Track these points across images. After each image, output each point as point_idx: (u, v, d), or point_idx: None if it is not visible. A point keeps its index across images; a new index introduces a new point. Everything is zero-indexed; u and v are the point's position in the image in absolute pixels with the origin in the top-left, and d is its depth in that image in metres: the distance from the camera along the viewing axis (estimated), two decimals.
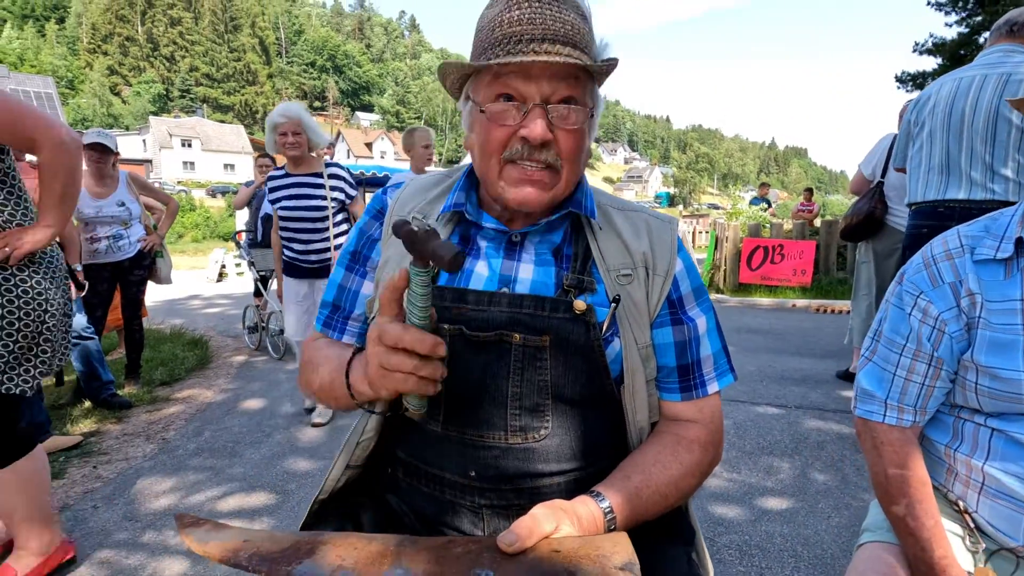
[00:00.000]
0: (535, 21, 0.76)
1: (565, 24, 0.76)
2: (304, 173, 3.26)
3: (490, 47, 0.77)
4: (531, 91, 0.77)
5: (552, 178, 0.81)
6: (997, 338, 0.88)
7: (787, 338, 5.51)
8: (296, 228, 3.28)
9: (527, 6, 0.76)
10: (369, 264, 0.96)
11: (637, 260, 0.87)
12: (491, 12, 0.80)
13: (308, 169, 3.27)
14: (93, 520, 2.31)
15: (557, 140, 0.79)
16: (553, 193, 0.82)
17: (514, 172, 0.80)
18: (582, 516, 0.74)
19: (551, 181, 0.81)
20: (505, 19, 0.77)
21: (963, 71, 2.54)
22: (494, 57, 0.76)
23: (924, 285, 0.96)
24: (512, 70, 0.77)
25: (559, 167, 0.81)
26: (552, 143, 0.79)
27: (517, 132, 0.78)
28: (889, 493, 0.96)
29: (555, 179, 0.81)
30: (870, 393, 1.01)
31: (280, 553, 0.70)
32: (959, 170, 2.44)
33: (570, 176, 0.83)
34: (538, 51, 0.74)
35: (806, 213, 11.38)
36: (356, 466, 0.96)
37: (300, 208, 3.22)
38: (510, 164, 0.80)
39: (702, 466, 0.86)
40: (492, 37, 0.77)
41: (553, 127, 0.78)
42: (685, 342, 0.89)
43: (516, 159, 0.79)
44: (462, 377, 0.83)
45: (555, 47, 0.75)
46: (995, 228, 0.93)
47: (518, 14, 0.76)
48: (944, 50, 14.98)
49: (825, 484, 2.53)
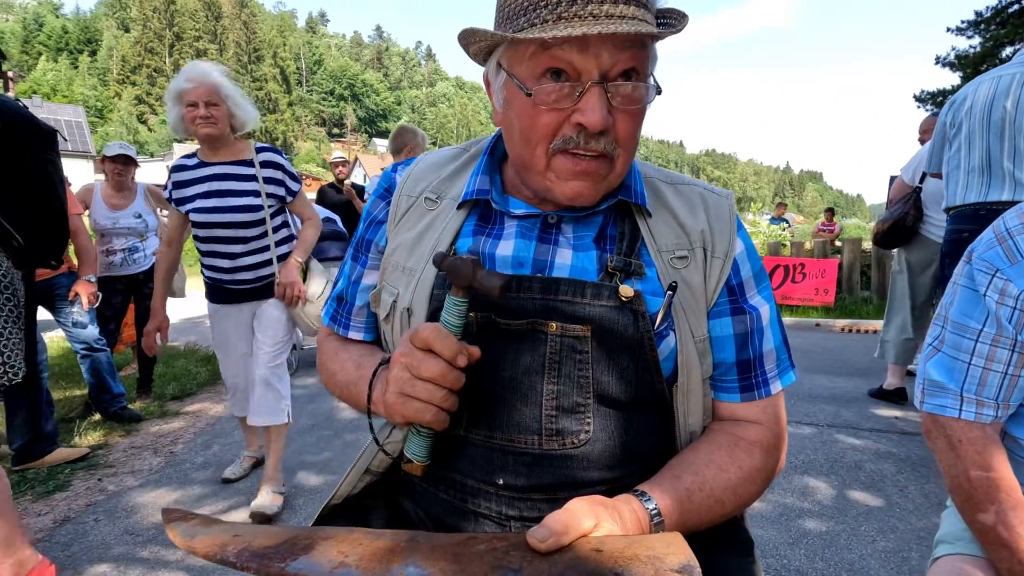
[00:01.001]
0: None
1: None
2: (226, 161, 2.29)
3: (532, 7, 0.63)
4: (588, 64, 0.64)
5: (606, 167, 0.69)
6: None
7: (813, 357, 5.31)
8: (219, 238, 2.29)
9: None
10: (373, 250, 0.86)
11: (695, 240, 0.76)
12: None
13: (231, 156, 2.30)
14: (94, 533, 2.22)
15: (615, 123, 0.67)
16: (607, 184, 0.71)
17: (566, 163, 0.68)
18: (625, 516, 0.62)
19: (605, 171, 0.70)
20: None
21: (1001, 70, 2.43)
22: (539, 21, 0.62)
23: (1000, 262, 0.85)
24: (565, 39, 0.62)
25: (615, 155, 0.69)
26: (609, 128, 0.66)
27: (570, 117, 0.66)
28: (974, 499, 0.84)
29: (609, 168, 0.70)
30: (941, 385, 0.89)
31: (273, 548, 0.60)
32: (1002, 171, 2.32)
33: (624, 164, 0.71)
34: (598, 14, 0.61)
35: (827, 233, 11.19)
36: (377, 472, 0.85)
37: (222, 210, 2.24)
38: (561, 154, 0.68)
39: (764, 472, 0.74)
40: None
41: (611, 108, 0.66)
42: (747, 334, 0.76)
43: (570, 149, 0.67)
44: (490, 373, 0.71)
45: (617, 7, 0.61)
46: None
47: None
48: (967, 63, 14.86)
49: (866, 506, 2.35)
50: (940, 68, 15.34)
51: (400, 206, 0.83)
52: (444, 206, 0.80)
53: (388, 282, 0.81)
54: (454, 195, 0.81)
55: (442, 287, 0.75)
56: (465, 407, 0.72)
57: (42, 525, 2.29)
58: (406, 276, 0.78)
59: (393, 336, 0.80)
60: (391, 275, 0.80)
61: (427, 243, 0.78)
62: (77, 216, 3.30)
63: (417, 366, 0.63)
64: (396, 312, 0.78)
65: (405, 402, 0.64)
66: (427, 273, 0.76)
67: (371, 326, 0.88)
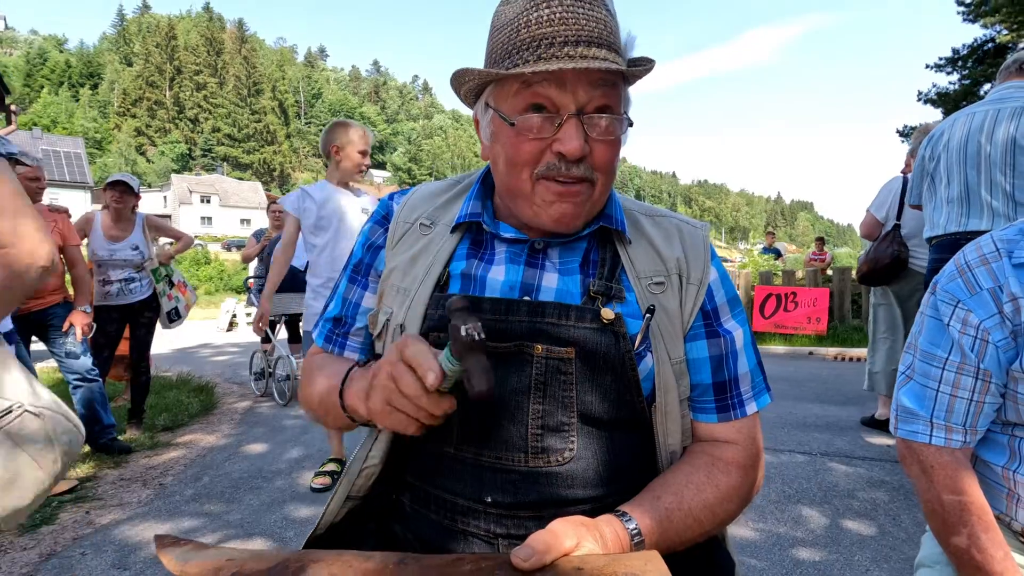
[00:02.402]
0: (567, 21, 0.69)
1: (599, 23, 0.70)
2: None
3: (516, 50, 0.71)
4: (566, 100, 0.71)
5: (587, 191, 0.76)
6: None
7: (806, 385, 5.33)
8: None
9: (557, 4, 0.69)
10: (372, 274, 0.90)
11: (671, 267, 0.81)
12: (511, 10, 0.73)
13: None
14: (79, 567, 2.18)
15: (592, 152, 0.73)
16: (589, 207, 0.78)
17: (550, 187, 0.74)
18: (606, 535, 0.65)
19: (587, 195, 0.76)
20: (532, 19, 0.70)
21: (975, 107, 2.54)
22: (522, 63, 0.70)
23: (960, 293, 0.90)
24: (544, 77, 0.70)
25: (594, 180, 0.75)
26: (587, 156, 0.73)
27: (551, 146, 0.73)
28: (948, 523, 0.86)
29: (590, 192, 0.76)
30: (912, 412, 0.93)
31: (265, 572, 0.61)
32: (980, 200, 2.40)
33: (604, 189, 0.77)
34: (573, 55, 0.68)
35: (818, 262, 11.32)
36: (358, 496, 0.87)
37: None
38: (544, 180, 0.74)
39: (741, 491, 0.77)
40: (518, 39, 0.71)
41: (589, 138, 0.72)
42: (722, 356, 0.81)
43: (552, 175, 0.74)
44: None
45: (591, 50, 0.69)
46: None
47: (547, 13, 0.69)
48: (948, 99, 15.33)
49: (860, 535, 2.35)
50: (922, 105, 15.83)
51: (397, 232, 0.88)
52: (438, 231, 0.86)
53: (385, 303, 0.85)
54: (448, 220, 0.86)
55: (436, 307, 0.79)
56: (455, 426, 0.75)
57: (27, 560, 2.25)
58: (400, 296, 0.83)
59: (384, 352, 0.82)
60: (388, 296, 0.85)
61: (421, 265, 0.83)
62: (75, 247, 3.33)
63: (400, 380, 0.64)
64: (388, 329, 0.82)
65: (391, 412, 0.66)
66: (421, 293, 0.81)
67: (367, 347, 0.91)
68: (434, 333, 0.78)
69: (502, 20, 0.74)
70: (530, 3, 0.70)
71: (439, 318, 0.78)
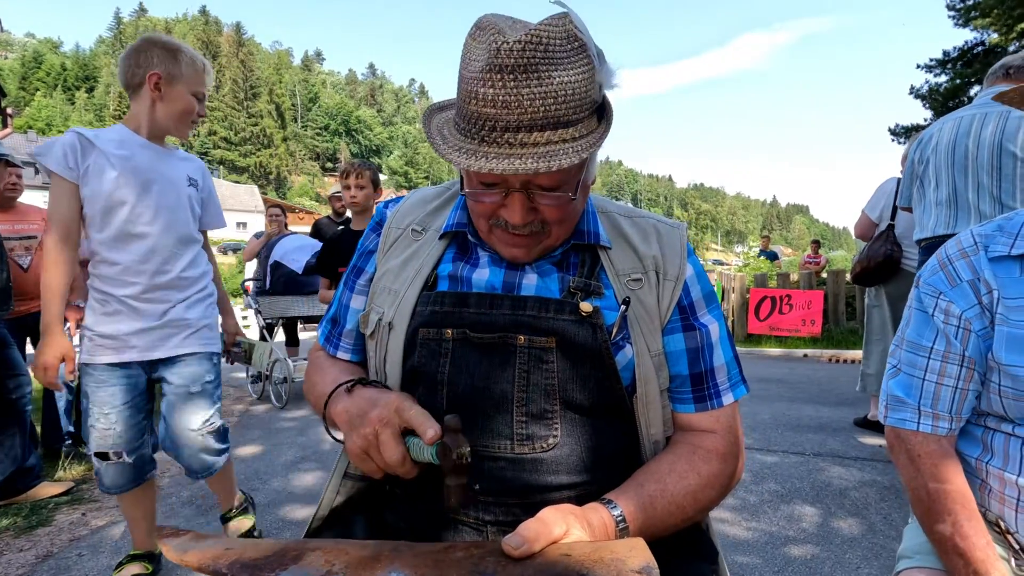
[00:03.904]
0: (510, 105, 0.66)
1: (546, 99, 0.67)
2: None
3: (465, 119, 0.71)
4: (511, 180, 0.74)
5: (538, 240, 0.81)
6: (1015, 334, 0.85)
7: (800, 387, 5.36)
8: None
9: (501, 85, 0.66)
10: (363, 277, 0.96)
11: (648, 264, 0.85)
12: (471, 65, 0.69)
13: None
14: (76, 569, 2.19)
15: (542, 211, 0.78)
16: (544, 247, 0.83)
17: (503, 237, 0.81)
18: (593, 522, 0.68)
19: (537, 241, 0.81)
20: (479, 93, 0.68)
21: (963, 111, 2.58)
22: (469, 139, 0.71)
23: (942, 286, 0.93)
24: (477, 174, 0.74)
25: (547, 231, 0.80)
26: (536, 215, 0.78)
27: (499, 210, 0.78)
28: (932, 510, 0.89)
29: (544, 237, 0.81)
30: (900, 399, 0.96)
31: (263, 560, 0.63)
32: (967, 204, 2.44)
33: (560, 233, 0.82)
34: (513, 142, 0.68)
35: (813, 265, 11.38)
36: (356, 474, 0.92)
37: None
38: (499, 229, 0.81)
39: (722, 478, 0.81)
40: (468, 109, 0.70)
41: (537, 204, 0.77)
42: (698, 349, 0.85)
43: (503, 227, 0.79)
44: (465, 382, 0.79)
45: (531, 135, 0.68)
46: (1009, 226, 0.91)
47: (491, 93, 0.67)
48: (938, 96, 15.54)
49: (851, 534, 2.38)
50: (913, 99, 16.04)
51: (389, 237, 0.93)
52: (428, 237, 0.91)
53: (376, 304, 0.89)
54: (437, 227, 0.91)
55: (424, 304, 0.84)
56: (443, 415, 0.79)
57: (23, 561, 2.26)
58: (391, 296, 0.87)
59: (376, 353, 0.88)
60: (379, 297, 0.89)
61: (411, 268, 0.88)
62: None
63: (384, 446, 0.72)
64: (380, 329, 0.87)
65: (364, 460, 0.74)
66: (410, 293, 0.85)
67: (359, 348, 0.96)
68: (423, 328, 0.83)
69: (463, 69, 0.71)
70: (481, 74, 0.67)
71: (430, 313, 0.83)
